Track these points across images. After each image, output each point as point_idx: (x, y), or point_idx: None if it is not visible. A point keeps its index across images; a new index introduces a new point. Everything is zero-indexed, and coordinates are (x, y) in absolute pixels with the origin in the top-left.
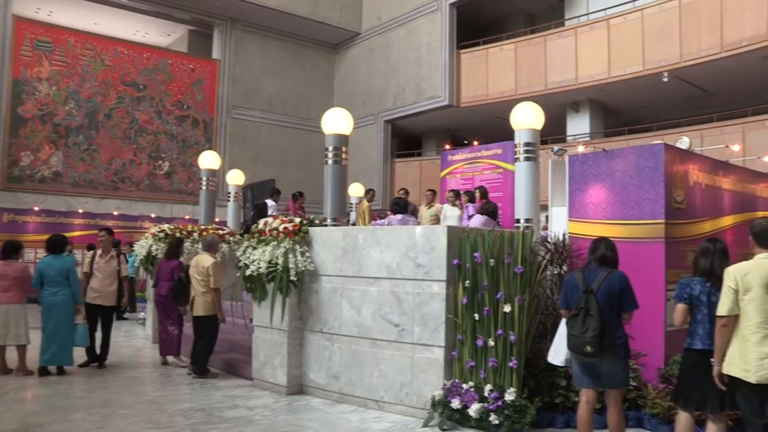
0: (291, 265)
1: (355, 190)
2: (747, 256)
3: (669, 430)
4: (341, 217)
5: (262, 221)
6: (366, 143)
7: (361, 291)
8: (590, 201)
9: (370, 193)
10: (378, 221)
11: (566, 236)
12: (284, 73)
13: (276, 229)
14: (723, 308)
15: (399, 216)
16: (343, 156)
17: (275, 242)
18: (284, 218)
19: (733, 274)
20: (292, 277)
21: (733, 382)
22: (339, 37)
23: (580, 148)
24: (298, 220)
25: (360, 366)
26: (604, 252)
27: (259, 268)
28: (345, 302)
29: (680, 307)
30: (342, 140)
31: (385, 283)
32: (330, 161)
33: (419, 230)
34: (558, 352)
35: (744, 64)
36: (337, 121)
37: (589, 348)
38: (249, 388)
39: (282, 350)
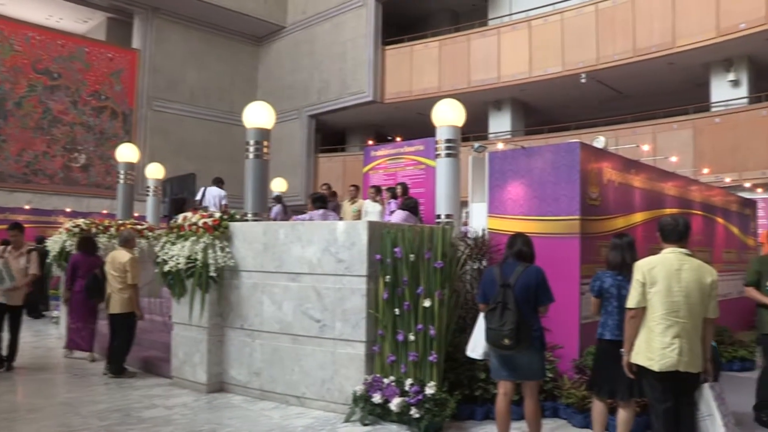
0: (211, 261)
1: (278, 185)
2: (655, 250)
3: (583, 419)
4: (262, 211)
5: (180, 216)
6: (290, 138)
7: (282, 287)
8: (509, 197)
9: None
10: (299, 216)
11: (485, 232)
12: (207, 65)
13: (195, 224)
14: (632, 301)
15: (320, 211)
16: (265, 150)
17: (195, 237)
18: (203, 213)
19: (641, 268)
20: (212, 273)
21: (640, 370)
22: (264, 30)
23: (500, 146)
24: (218, 215)
25: (281, 362)
26: (521, 247)
27: (178, 264)
28: (266, 298)
29: (592, 299)
30: (264, 134)
31: (306, 278)
32: (251, 155)
33: (340, 226)
34: (476, 346)
35: (653, 68)
36: (258, 115)
37: (506, 341)
38: (168, 387)
39: (202, 347)
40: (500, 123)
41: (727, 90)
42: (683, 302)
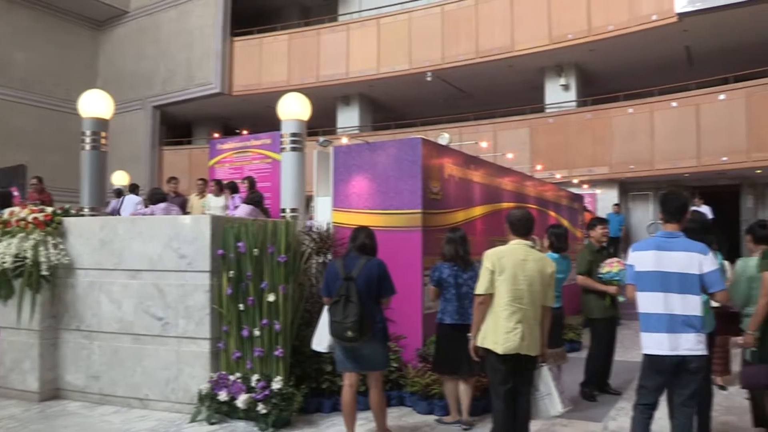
0: (42, 259)
1: (120, 178)
2: (494, 242)
3: (427, 405)
4: (99, 206)
5: (6, 211)
6: (132, 129)
7: (121, 284)
8: (353, 191)
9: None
10: (140, 210)
11: (330, 225)
12: (38, 48)
13: (24, 219)
14: (480, 287)
15: (162, 205)
16: (103, 141)
17: (23, 234)
18: (33, 207)
19: (490, 257)
20: (44, 272)
21: (485, 353)
22: (104, 14)
23: (344, 140)
24: (50, 209)
25: (122, 364)
26: (364, 240)
27: (4, 263)
28: (104, 297)
29: (432, 288)
30: (101, 124)
31: (147, 275)
32: (88, 147)
33: (182, 220)
34: (322, 339)
35: (495, 70)
36: (95, 104)
37: (349, 333)
38: None
39: (33, 352)
40: (349, 118)
41: (559, 93)
42: (527, 290)
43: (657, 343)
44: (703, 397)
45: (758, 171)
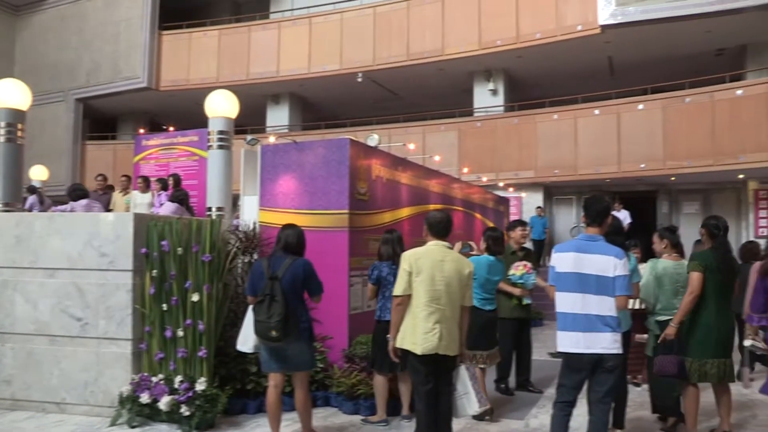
0: None
1: (38, 173)
2: (420, 243)
3: (353, 405)
4: (15, 201)
5: None
6: (53, 122)
7: (38, 283)
8: (280, 191)
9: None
10: (58, 207)
11: (257, 225)
12: None
13: None
14: (398, 288)
15: (84, 201)
16: (19, 134)
17: None
18: None
19: (408, 258)
20: None
21: (404, 354)
22: None
23: (271, 139)
24: None
25: (37, 366)
26: (287, 240)
27: None
28: (18, 296)
29: (370, 287)
30: (17, 116)
31: (65, 274)
32: (2, 139)
33: (104, 217)
34: (247, 339)
35: (425, 72)
36: (11, 94)
37: (274, 333)
38: None
39: None
40: (278, 117)
41: (487, 98)
42: (444, 291)
43: (573, 342)
44: (619, 394)
45: (673, 178)
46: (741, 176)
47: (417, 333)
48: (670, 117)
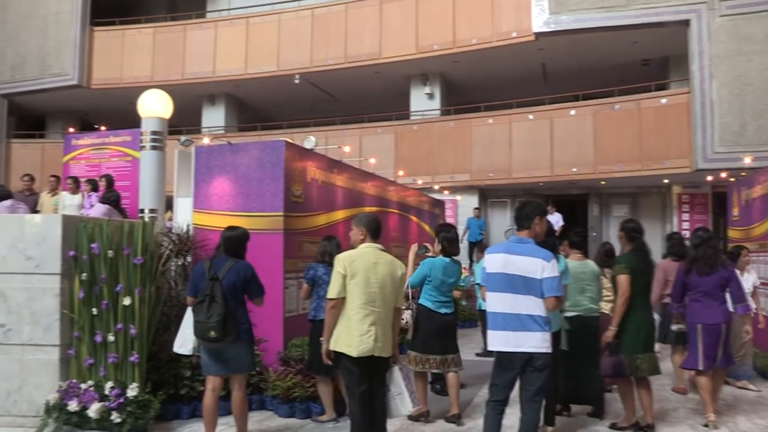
0: None
1: None
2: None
3: (288, 409)
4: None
5: None
6: None
7: None
8: (215, 193)
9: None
10: None
11: (191, 227)
12: None
13: None
14: (332, 291)
15: (7, 202)
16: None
17: None
18: None
19: (342, 261)
20: None
21: (339, 356)
22: None
23: (205, 140)
24: None
25: None
26: (231, 242)
27: None
28: None
29: (305, 286)
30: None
31: None
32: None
33: (30, 219)
34: (185, 341)
35: (362, 75)
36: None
37: (212, 333)
38: None
39: None
40: (214, 118)
41: (424, 101)
42: (378, 293)
43: (503, 341)
44: (549, 392)
45: (603, 182)
46: (666, 181)
47: (352, 335)
48: (601, 123)
